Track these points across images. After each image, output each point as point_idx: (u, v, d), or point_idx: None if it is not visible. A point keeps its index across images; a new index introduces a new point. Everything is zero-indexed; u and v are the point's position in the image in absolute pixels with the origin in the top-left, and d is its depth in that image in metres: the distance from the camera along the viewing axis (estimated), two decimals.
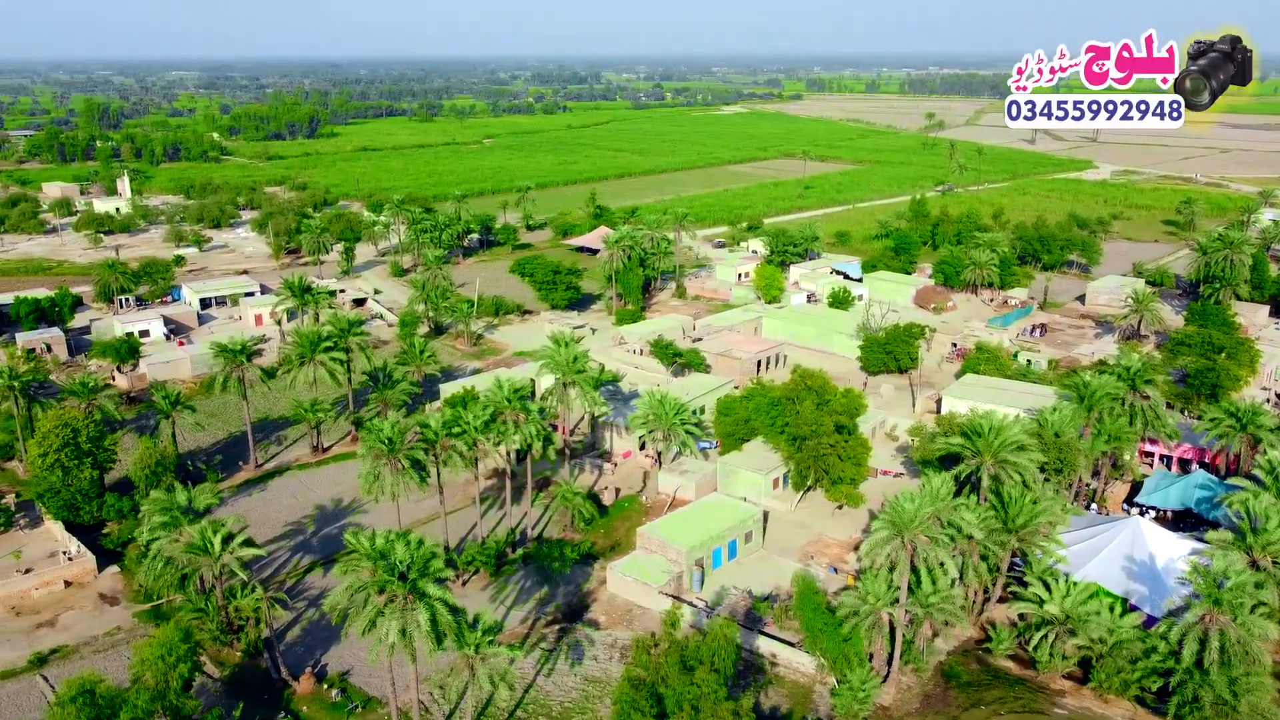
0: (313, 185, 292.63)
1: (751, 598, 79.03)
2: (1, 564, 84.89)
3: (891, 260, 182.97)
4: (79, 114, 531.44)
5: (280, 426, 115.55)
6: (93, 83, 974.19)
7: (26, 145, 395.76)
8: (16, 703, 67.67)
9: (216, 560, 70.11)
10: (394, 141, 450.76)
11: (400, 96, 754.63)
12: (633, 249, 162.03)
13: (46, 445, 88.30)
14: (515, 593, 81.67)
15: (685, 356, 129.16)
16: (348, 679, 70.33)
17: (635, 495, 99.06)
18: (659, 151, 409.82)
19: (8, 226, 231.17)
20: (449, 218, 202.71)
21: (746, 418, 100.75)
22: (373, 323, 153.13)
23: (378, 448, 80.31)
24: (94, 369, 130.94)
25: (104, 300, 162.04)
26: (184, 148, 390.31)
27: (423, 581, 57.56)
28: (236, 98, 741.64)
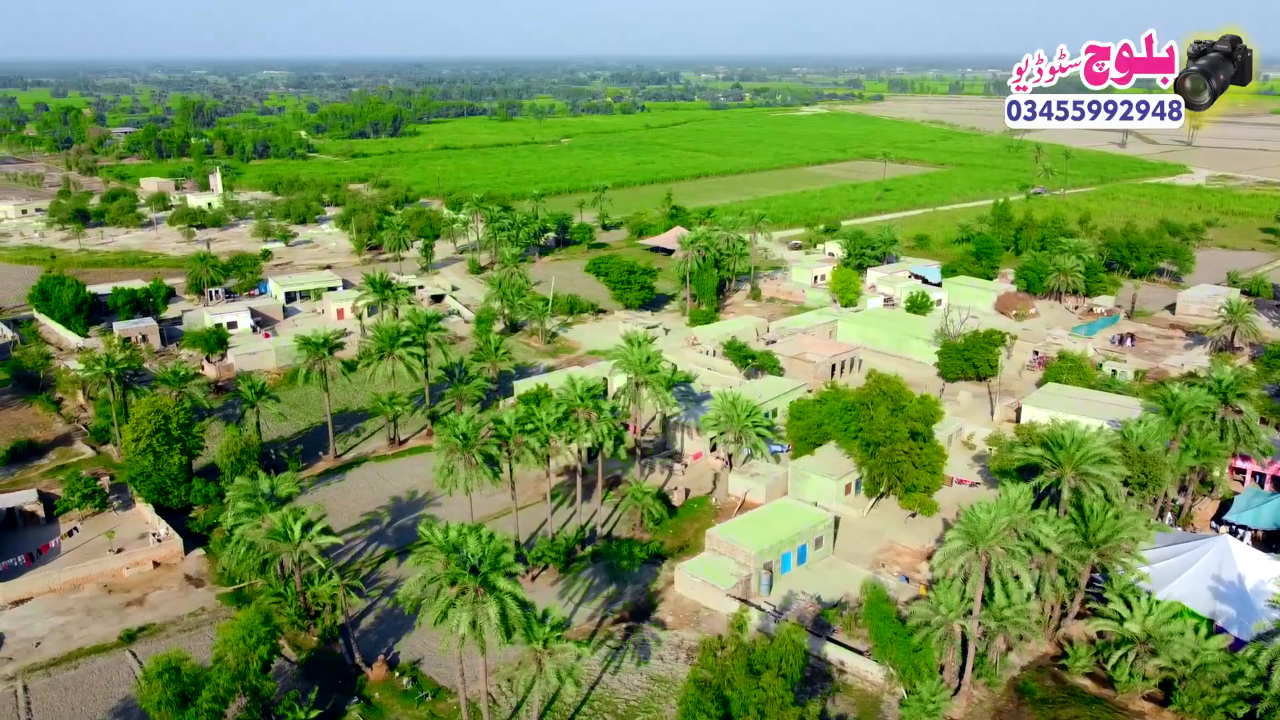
0: (395, 183, 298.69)
1: (820, 604, 78.32)
2: (96, 543, 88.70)
3: (972, 265, 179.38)
4: (176, 112, 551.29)
5: (359, 418, 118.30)
6: (189, 82, 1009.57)
7: (126, 142, 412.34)
8: (107, 676, 70.63)
9: (296, 547, 72.08)
10: (474, 140, 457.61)
11: (481, 96, 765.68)
12: (708, 250, 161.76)
13: (139, 431, 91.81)
14: (584, 590, 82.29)
15: (759, 359, 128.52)
16: (419, 668, 71.72)
17: (705, 497, 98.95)
18: (736, 152, 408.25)
19: (108, 220, 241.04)
20: (526, 216, 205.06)
21: (819, 422, 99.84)
22: (450, 319, 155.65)
23: (452, 442, 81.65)
24: (185, 358, 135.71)
25: (195, 292, 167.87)
26: (273, 145, 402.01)
27: (493, 575, 58.37)
28: (324, 97, 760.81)
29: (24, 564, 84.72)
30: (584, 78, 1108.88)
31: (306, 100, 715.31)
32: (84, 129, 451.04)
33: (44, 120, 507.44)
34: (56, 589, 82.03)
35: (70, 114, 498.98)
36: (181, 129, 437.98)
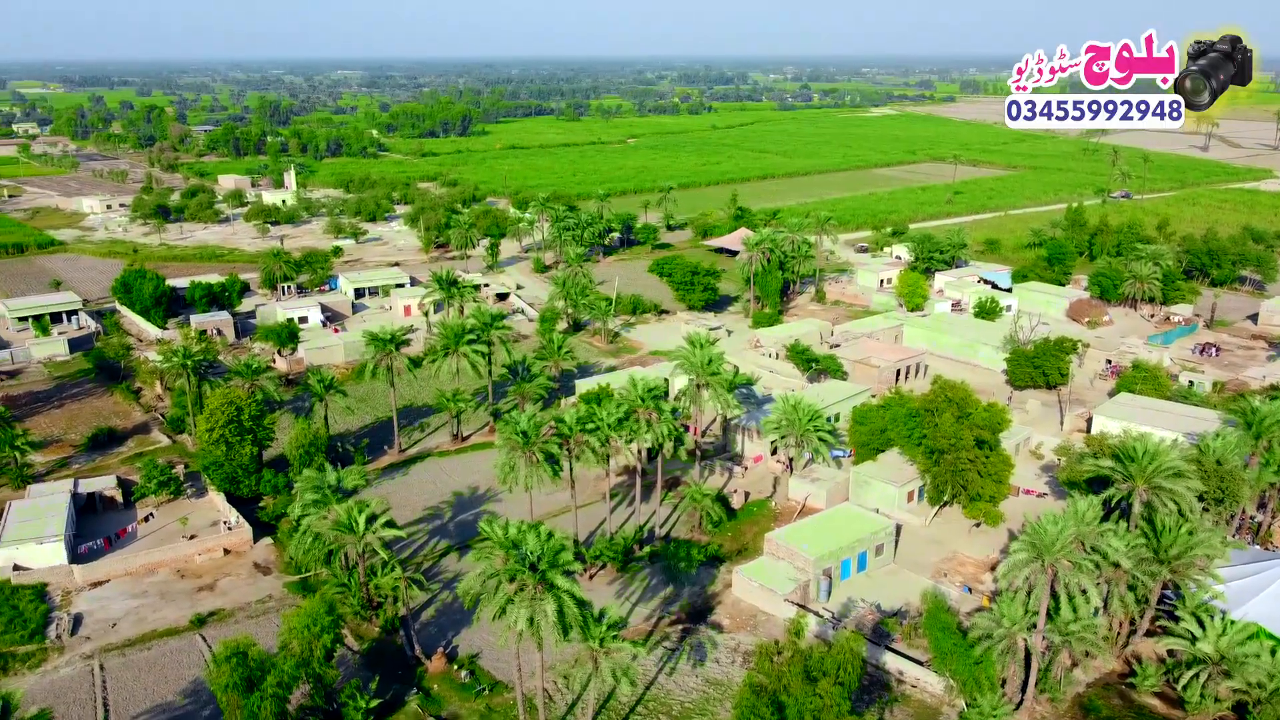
0: (463, 182, 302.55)
1: (880, 612, 77.39)
2: (170, 529, 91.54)
3: (1044, 270, 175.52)
4: (253, 111, 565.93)
5: (423, 414, 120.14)
6: (266, 81, 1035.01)
7: (206, 140, 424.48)
8: (178, 659, 72.85)
9: (360, 539, 73.49)
10: (541, 140, 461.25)
11: (549, 96, 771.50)
12: (773, 251, 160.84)
13: (213, 421, 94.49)
14: (641, 590, 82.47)
15: (822, 362, 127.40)
16: (477, 661, 72.60)
17: (765, 500, 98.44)
18: (803, 153, 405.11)
19: (187, 216, 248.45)
20: (591, 216, 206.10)
21: (883, 427, 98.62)
22: (514, 317, 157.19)
23: (514, 440, 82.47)
24: (257, 352, 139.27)
25: (268, 287, 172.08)
26: (345, 144, 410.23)
27: (552, 573, 58.84)
28: (395, 96, 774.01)
29: (102, 547, 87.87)
30: (651, 78, 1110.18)
31: (379, 100, 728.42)
32: (166, 127, 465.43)
33: (129, 118, 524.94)
34: (133, 572, 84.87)
35: (154, 113, 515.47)
36: (258, 128, 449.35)
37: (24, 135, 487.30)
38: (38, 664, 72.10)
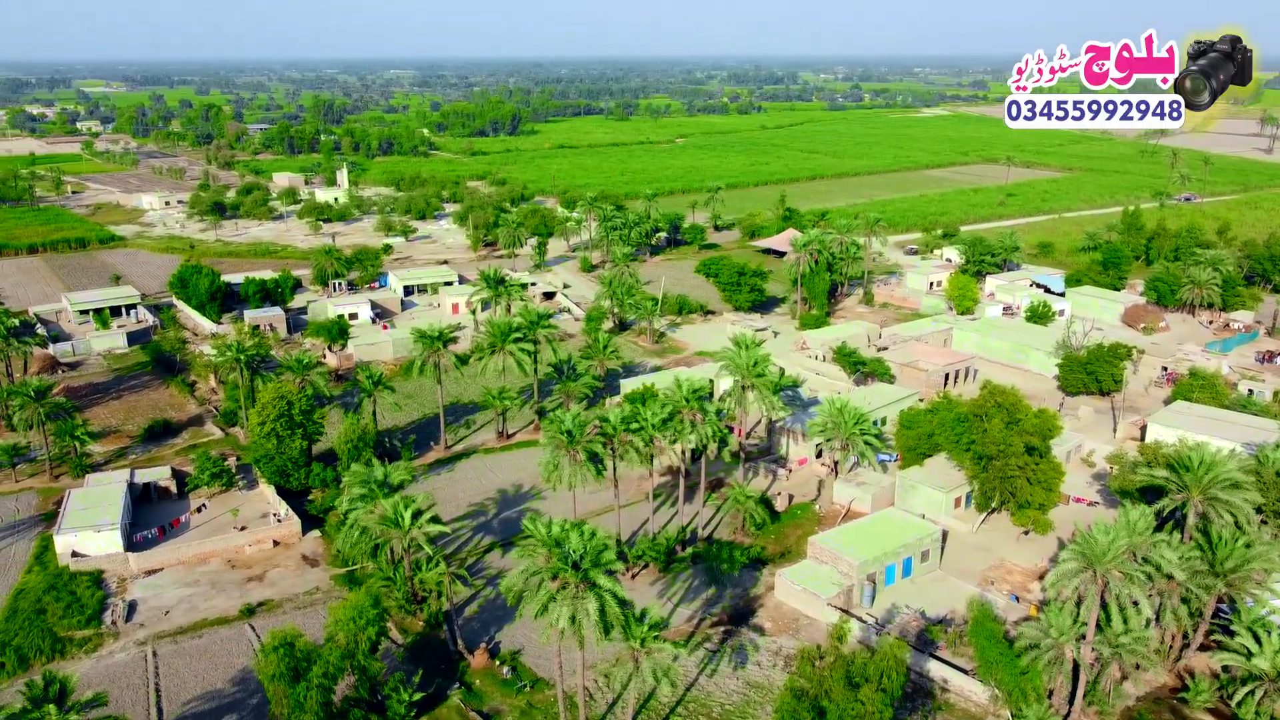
0: (511, 181, 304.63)
1: (924, 619, 76.50)
2: (222, 520, 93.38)
3: (1099, 275, 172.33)
4: (307, 110, 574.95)
5: (469, 411, 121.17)
6: (320, 80, 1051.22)
7: (261, 138, 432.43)
8: (228, 647, 74.28)
9: (406, 534, 74.32)
10: (590, 139, 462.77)
11: (598, 95, 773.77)
12: (821, 253, 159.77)
13: (265, 415, 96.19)
14: (683, 591, 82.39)
15: (869, 365, 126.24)
16: (519, 658, 73.06)
17: (809, 503, 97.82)
18: (853, 154, 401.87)
19: (242, 212, 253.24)
20: (639, 216, 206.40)
21: (930, 432, 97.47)
22: (560, 316, 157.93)
23: (558, 438, 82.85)
24: (308, 347, 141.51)
25: (320, 284, 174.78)
26: (396, 142, 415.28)
27: (594, 571, 59.00)
28: (446, 95, 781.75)
29: (157, 536, 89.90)
30: (701, 78, 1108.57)
31: (430, 99, 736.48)
32: (223, 125, 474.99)
33: (187, 117, 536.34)
34: (185, 561, 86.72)
35: (211, 111, 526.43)
36: (312, 126, 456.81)
37: (88, 133, 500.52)
38: (94, 649, 73.97)
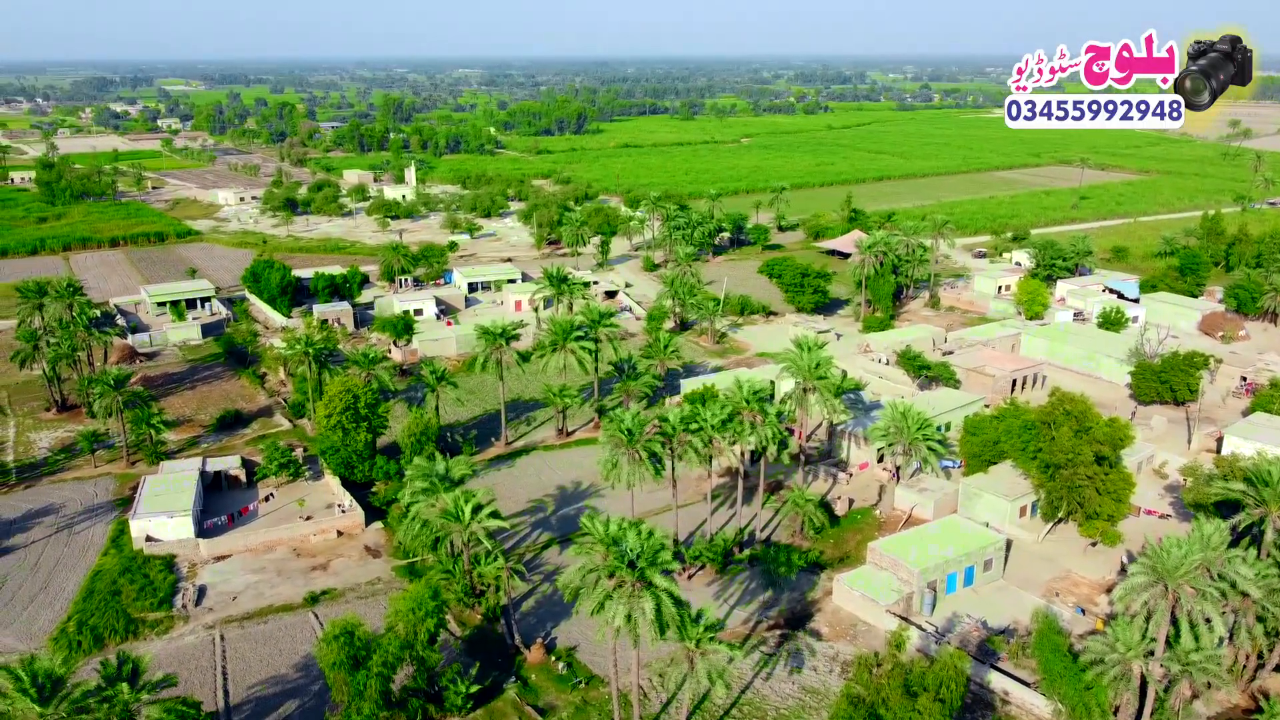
0: (576, 179, 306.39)
1: (986, 629, 75.09)
2: (288, 509, 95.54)
3: (1175, 281, 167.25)
4: (378, 108, 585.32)
5: (530, 408, 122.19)
6: (391, 79, 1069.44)
7: (333, 136, 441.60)
8: (291, 634, 76.00)
9: (466, 528, 75.24)
10: (655, 139, 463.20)
11: (664, 95, 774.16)
12: (886, 255, 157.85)
13: (331, 408, 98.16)
14: (739, 593, 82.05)
15: (934, 369, 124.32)
16: (575, 654, 73.46)
17: (869, 508, 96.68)
18: (921, 155, 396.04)
19: (313, 209, 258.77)
20: (702, 215, 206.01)
21: (996, 439, 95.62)
22: (622, 315, 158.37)
23: (618, 437, 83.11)
24: (374, 342, 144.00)
25: (387, 279, 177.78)
26: (464, 141, 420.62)
27: (651, 571, 59.07)
28: (514, 94, 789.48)
29: (226, 524, 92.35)
30: (768, 77, 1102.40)
31: (497, 98, 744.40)
32: (296, 124, 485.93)
33: (263, 115, 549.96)
34: (253, 549, 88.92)
35: (285, 109, 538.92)
36: (382, 125, 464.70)
37: (168, 130, 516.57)
38: (165, 631, 76.26)
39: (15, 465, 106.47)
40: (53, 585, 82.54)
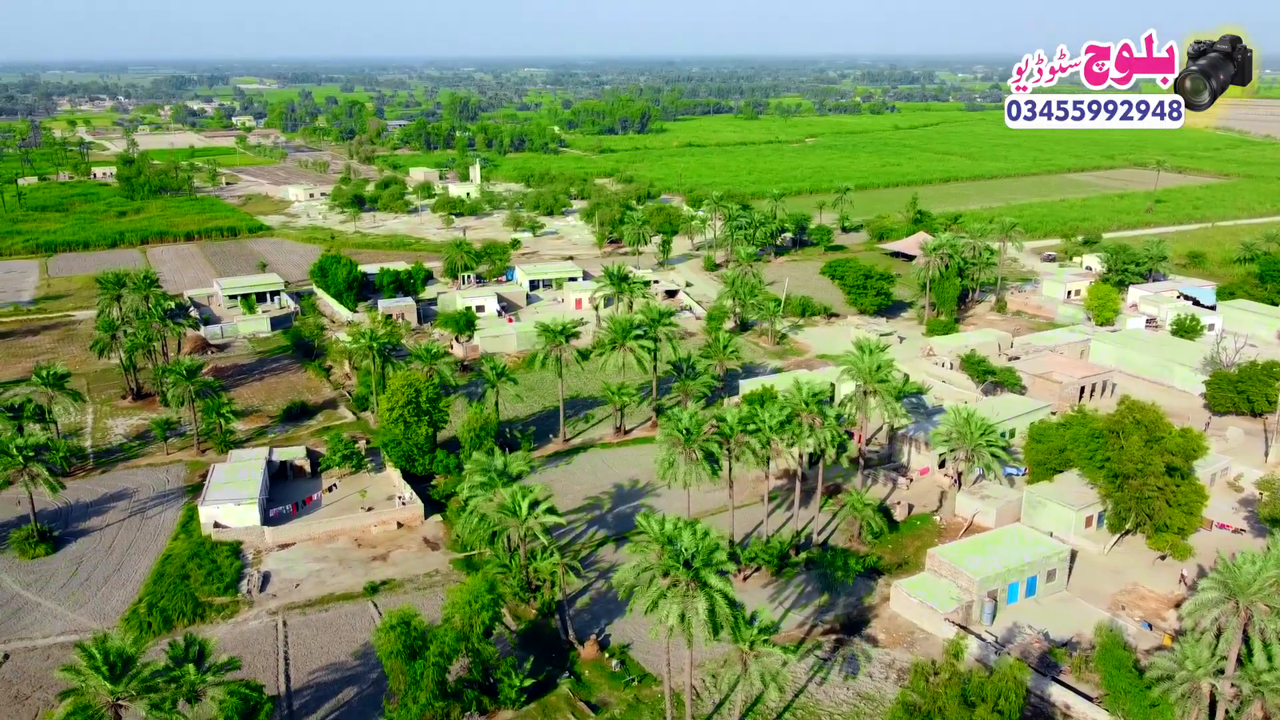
0: (638, 178, 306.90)
1: (1048, 641, 73.46)
2: (350, 500, 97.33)
3: (1255, 288, 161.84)
4: (444, 107, 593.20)
5: (588, 405, 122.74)
6: (458, 78, 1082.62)
7: (400, 134, 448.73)
8: (351, 622, 77.42)
9: (523, 523, 75.86)
10: (718, 138, 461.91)
11: (728, 94, 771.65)
12: (952, 257, 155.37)
13: (394, 401, 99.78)
14: (795, 596, 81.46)
15: (999, 374, 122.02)
16: (628, 652, 73.64)
17: (929, 514, 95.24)
18: (990, 156, 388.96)
19: (380, 206, 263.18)
20: (764, 215, 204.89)
21: (1062, 447, 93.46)
22: (682, 314, 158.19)
23: (675, 436, 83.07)
24: (437, 337, 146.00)
25: (450, 276, 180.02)
26: (528, 139, 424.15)
27: (705, 571, 58.93)
28: (578, 93, 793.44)
29: (290, 512, 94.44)
30: (834, 76, 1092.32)
31: (562, 97, 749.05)
32: (365, 122, 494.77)
33: (333, 113, 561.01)
34: (315, 538, 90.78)
35: (355, 108, 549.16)
36: (448, 123, 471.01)
37: (241, 128, 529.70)
38: (230, 615, 78.25)
39: (93, 450, 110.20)
40: (125, 567, 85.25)
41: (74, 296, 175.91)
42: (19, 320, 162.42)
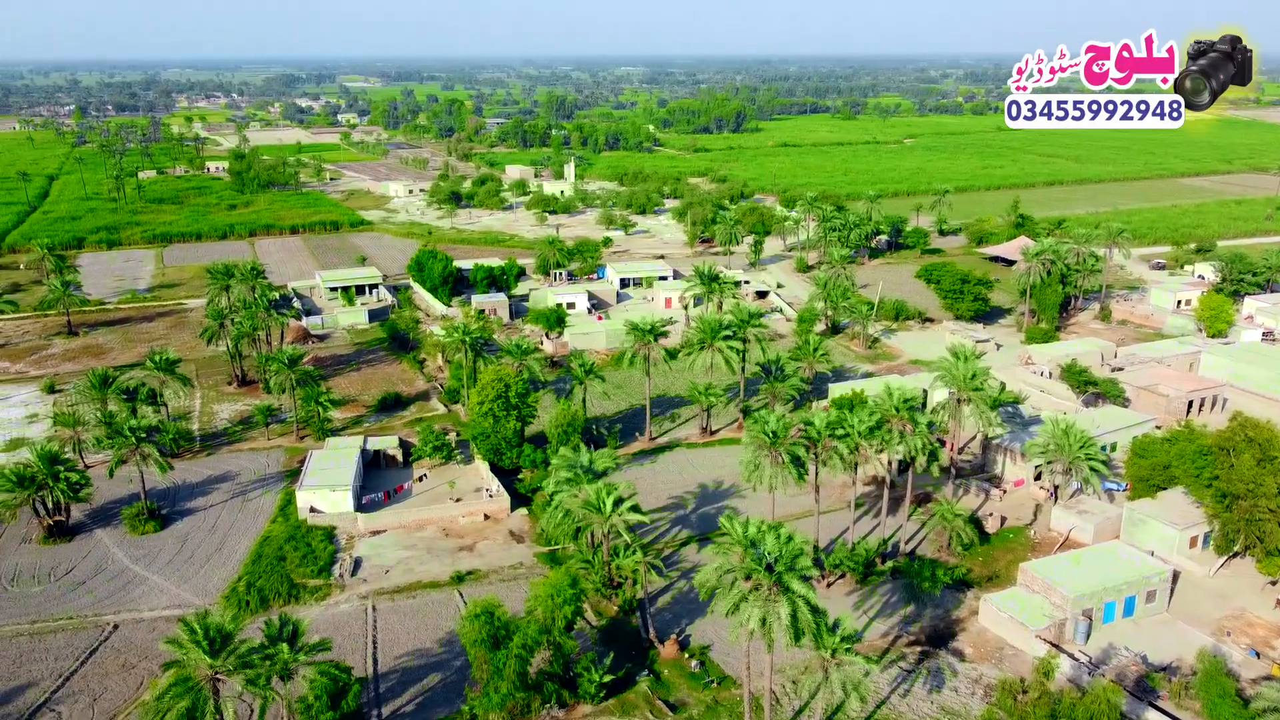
0: (732, 178, 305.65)
1: (1145, 664, 70.63)
2: (439, 490, 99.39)
3: None
4: (541, 105, 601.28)
5: (675, 405, 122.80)
6: (555, 77, 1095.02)
7: (497, 132, 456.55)
8: (437, 610, 79.08)
9: (606, 520, 76.34)
10: (814, 138, 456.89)
11: (826, 94, 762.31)
12: (1054, 263, 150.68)
13: (484, 395, 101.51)
14: (879, 605, 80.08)
15: (1100, 386, 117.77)
16: (708, 653, 73.44)
17: (1022, 528, 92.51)
18: (1098, 159, 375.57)
19: (476, 202, 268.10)
20: (859, 217, 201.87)
21: (1167, 463, 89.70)
22: (772, 316, 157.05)
23: (761, 438, 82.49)
24: (527, 333, 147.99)
25: (542, 273, 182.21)
26: (622, 138, 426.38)
27: (788, 576, 58.41)
28: (673, 92, 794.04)
29: (382, 500, 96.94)
30: (935, 76, 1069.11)
31: (657, 95, 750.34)
32: (464, 120, 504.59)
33: (433, 111, 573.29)
34: (405, 526, 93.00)
35: (454, 106, 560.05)
36: (544, 121, 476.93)
37: (346, 125, 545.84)
38: (323, 597, 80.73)
39: (200, 434, 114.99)
40: (226, 547, 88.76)
41: (186, 286, 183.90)
42: (136, 307, 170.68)
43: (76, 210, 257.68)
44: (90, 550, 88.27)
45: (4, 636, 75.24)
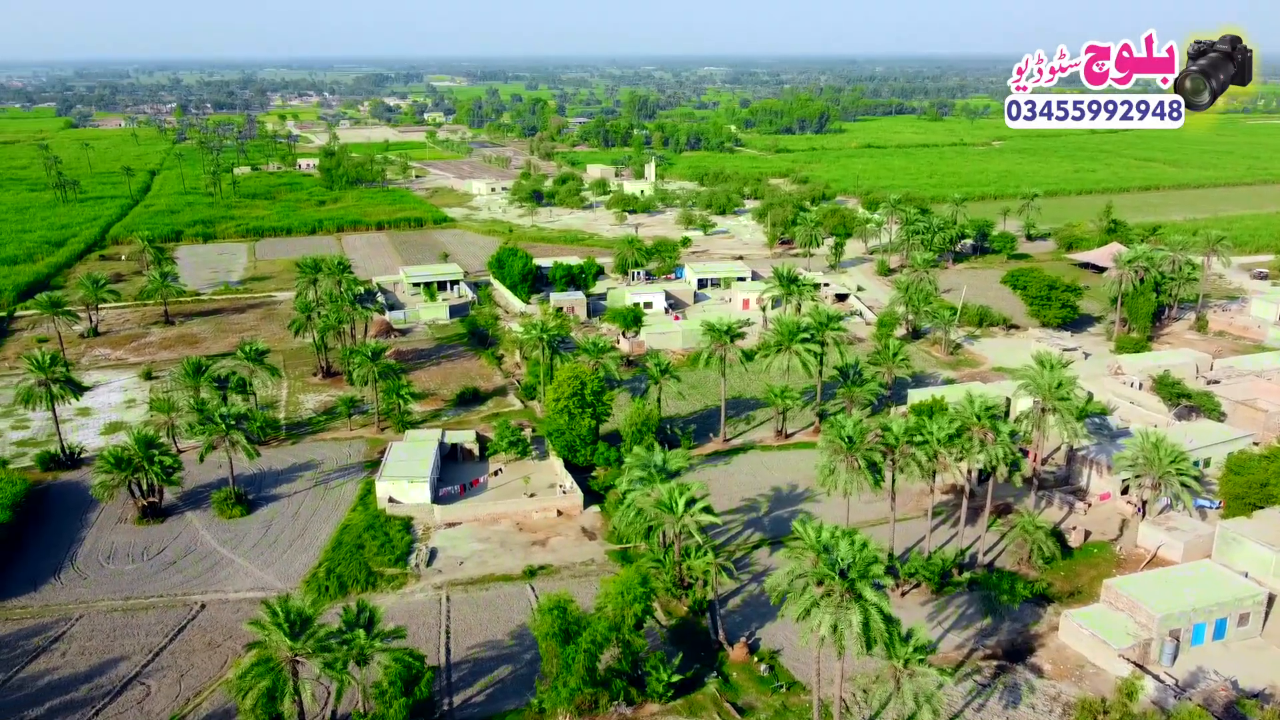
0: (814, 179, 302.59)
1: (1236, 690, 67.78)
2: (514, 485, 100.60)
3: None
4: (623, 105, 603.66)
5: (750, 406, 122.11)
6: (638, 77, 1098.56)
7: (579, 131, 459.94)
8: (509, 603, 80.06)
9: (678, 520, 76.32)
10: (899, 140, 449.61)
11: (911, 95, 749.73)
12: (1148, 270, 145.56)
13: (560, 392, 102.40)
14: (955, 616, 78.41)
15: (1195, 399, 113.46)
16: (778, 658, 72.87)
17: (1107, 543, 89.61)
18: (1198, 163, 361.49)
19: (556, 201, 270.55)
20: (944, 220, 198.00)
21: (1264, 481, 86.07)
22: (851, 319, 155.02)
23: (837, 443, 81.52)
24: (604, 332, 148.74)
25: (620, 272, 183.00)
26: (704, 138, 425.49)
27: (861, 583, 57.61)
28: (756, 93, 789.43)
29: (458, 493, 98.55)
30: None
31: (739, 95, 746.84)
32: (547, 119, 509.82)
33: (516, 110, 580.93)
34: (480, 519, 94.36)
35: (538, 105, 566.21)
36: (626, 121, 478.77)
37: (432, 123, 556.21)
38: (399, 586, 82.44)
39: (285, 422, 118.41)
40: (308, 533, 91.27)
41: (276, 279, 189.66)
42: (229, 299, 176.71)
43: (175, 204, 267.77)
44: (181, 532, 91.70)
45: (100, 611, 78.67)
